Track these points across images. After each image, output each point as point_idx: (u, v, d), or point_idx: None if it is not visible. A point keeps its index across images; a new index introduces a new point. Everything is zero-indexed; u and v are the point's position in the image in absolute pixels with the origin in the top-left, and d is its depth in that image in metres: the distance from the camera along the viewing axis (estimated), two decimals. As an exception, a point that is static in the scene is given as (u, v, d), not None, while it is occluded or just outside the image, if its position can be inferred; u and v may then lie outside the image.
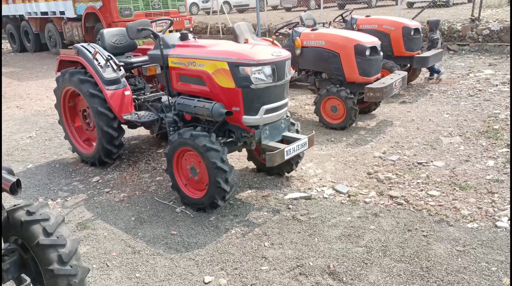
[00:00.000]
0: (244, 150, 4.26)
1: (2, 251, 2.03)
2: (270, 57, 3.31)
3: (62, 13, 13.43)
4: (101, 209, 3.73)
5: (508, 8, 11.81)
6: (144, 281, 2.70)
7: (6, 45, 19.45)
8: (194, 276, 2.73)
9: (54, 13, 13.78)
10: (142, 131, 5.81)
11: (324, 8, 13.62)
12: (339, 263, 2.76)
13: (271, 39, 6.27)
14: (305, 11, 17.66)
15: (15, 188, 1.79)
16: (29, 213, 2.14)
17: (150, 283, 2.68)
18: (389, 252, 2.84)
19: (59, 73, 4.70)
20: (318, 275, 2.66)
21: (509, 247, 2.78)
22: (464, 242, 2.89)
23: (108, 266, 2.88)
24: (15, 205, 2.18)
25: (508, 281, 2.44)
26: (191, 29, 13.80)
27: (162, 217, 3.54)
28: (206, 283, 2.65)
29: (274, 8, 23.66)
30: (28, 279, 1.79)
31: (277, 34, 6.40)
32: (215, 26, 16.30)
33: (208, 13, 21.29)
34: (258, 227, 3.28)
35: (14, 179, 1.79)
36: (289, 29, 6.23)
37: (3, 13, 16.49)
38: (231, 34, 14.73)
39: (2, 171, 1.85)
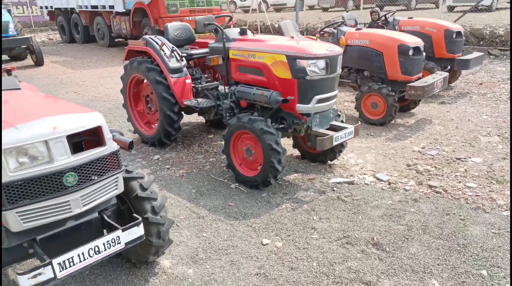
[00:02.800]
0: (289, 138, 4.63)
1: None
2: (324, 51, 3.66)
3: (112, 7, 14.17)
4: (164, 182, 4.20)
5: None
6: (210, 240, 3.13)
7: (55, 35, 20.64)
8: (253, 238, 3.13)
9: (103, 7, 14.56)
10: (192, 119, 6.28)
11: (363, 8, 13.75)
12: (382, 236, 3.09)
13: (314, 38, 6.60)
14: (347, 11, 17.76)
15: (132, 146, 2.24)
16: (127, 171, 2.59)
17: (215, 242, 3.10)
18: (429, 231, 3.14)
19: (126, 62, 5.22)
20: (363, 245, 3.00)
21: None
22: (499, 226, 3.15)
23: (178, 226, 3.32)
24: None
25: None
26: (231, 26, 14.28)
27: (219, 191, 3.97)
28: (264, 245, 3.04)
29: (311, 7, 23.85)
30: (140, 218, 2.23)
31: (322, 32, 6.72)
32: (253, 24, 16.72)
33: (246, 11, 21.77)
34: (306, 204, 3.65)
35: (129, 140, 2.24)
36: (334, 28, 6.55)
37: (56, 6, 17.53)
38: (269, 32, 15.13)
39: (116, 134, 2.29)
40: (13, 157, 1.74)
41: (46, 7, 18.43)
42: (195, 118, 6.27)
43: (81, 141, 2.19)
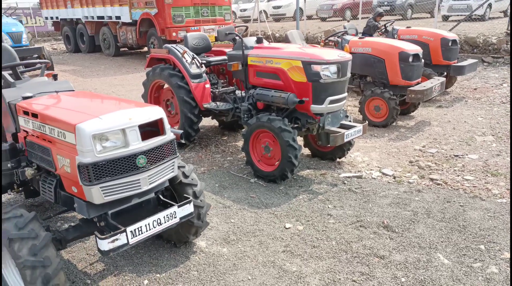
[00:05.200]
0: (300, 138, 5.03)
1: None
2: (336, 57, 4.09)
3: (118, 17, 14.63)
4: (188, 178, 4.57)
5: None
6: (238, 225, 3.51)
7: (59, 45, 21.09)
8: (276, 223, 3.51)
9: (110, 17, 15.01)
10: (205, 123, 6.67)
11: (361, 18, 14.31)
12: (391, 220, 3.48)
13: (318, 46, 7.04)
14: (348, 20, 18.31)
15: (182, 136, 2.63)
16: (171, 162, 2.97)
17: (243, 227, 3.48)
18: (432, 215, 3.54)
19: (148, 69, 5.62)
20: (375, 227, 3.39)
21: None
22: (494, 211, 3.55)
23: (208, 214, 3.69)
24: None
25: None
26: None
27: (240, 185, 4.35)
28: (286, 228, 3.42)
29: (309, 17, 24.42)
30: (190, 197, 2.61)
31: (326, 41, 7.18)
32: (254, 33, 17.24)
33: (245, 21, 22.35)
34: (321, 195, 4.04)
35: (180, 131, 2.64)
36: (338, 37, 7.01)
37: (62, 17, 18.00)
38: (270, 41, 15.63)
39: (172, 129, 2.66)
40: (98, 141, 2.13)
41: (51, 18, 18.90)
42: (208, 122, 6.66)
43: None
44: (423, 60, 6.21)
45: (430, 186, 4.19)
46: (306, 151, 5.22)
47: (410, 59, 5.95)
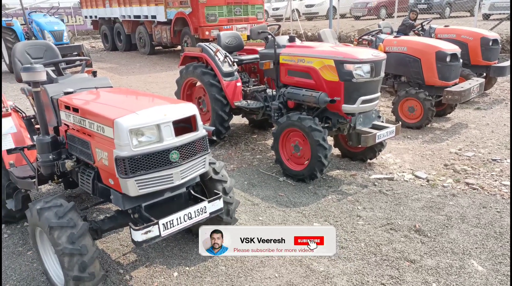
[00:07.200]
0: (331, 138, 4.99)
1: None
2: (370, 57, 4.03)
3: (154, 17, 14.99)
4: (218, 174, 4.64)
5: None
6: (266, 223, 3.53)
7: (97, 44, 21.84)
8: (304, 223, 3.51)
9: (146, 16, 15.40)
10: (236, 121, 6.72)
11: (397, 17, 13.96)
12: (423, 224, 3.39)
13: (351, 45, 6.94)
14: (383, 19, 17.92)
15: (214, 133, 2.68)
16: (202, 158, 3.03)
17: (271, 224, 3.50)
18: (467, 220, 3.42)
19: (182, 67, 5.74)
20: (406, 230, 3.32)
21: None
22: (534, 218, 3.39)
23: (236, 211, 3.73)
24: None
25: None
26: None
27: (269, 183, 4.37)
28: (315, 228, 3.41)
29: (342, 16, 24.06)
30: (220, 193, 2.67)
31: (360, 40, 7.07)
32: (286, 32, 17.19)
33: (277, 19, 22.32)
34: (350, 196, 3.99)
35: (212, 128, 2.69)
36: (372, 36, 6.88)
37: (100, 16, 18.64)
38: (303, 40, 15.55)
39: (204, 125, 2.71)
40: (134, 136, 2.21)
41: (91, 17, 19.61)
42: (238, 120, 6.72)
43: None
44: (461, 60, 5.99)
45: (466, 190, 4.05)
46: (336, 151, 5.17)
47: (448, 59, 5.76)
